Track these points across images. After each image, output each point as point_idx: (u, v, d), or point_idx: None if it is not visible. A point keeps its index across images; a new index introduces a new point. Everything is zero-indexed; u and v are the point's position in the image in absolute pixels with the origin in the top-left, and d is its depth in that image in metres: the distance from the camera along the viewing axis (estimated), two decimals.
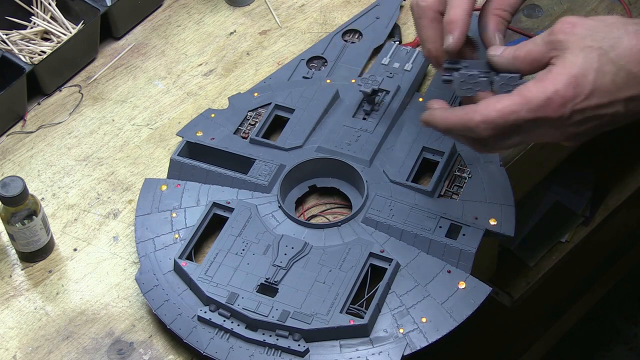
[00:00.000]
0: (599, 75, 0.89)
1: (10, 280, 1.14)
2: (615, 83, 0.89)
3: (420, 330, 1.02)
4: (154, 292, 1.07)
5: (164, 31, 1.36)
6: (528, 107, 0.90)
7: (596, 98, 0.89)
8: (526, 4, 1.33)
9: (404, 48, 1.26)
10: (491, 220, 1.09)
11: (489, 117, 0.92)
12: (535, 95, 0.90)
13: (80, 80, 1.32)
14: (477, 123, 0.92)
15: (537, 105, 0.90)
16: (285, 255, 1.07)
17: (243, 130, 1.21)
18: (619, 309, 1.97)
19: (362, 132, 1.17)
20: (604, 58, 0.89)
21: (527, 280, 1.66)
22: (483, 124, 0.92)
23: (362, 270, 1.06)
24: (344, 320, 1.02)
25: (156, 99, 1.29)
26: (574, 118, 0.90)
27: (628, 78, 0.89)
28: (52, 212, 1.19)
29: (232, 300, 1.04)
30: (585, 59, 0.90)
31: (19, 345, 1.08)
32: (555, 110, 0.90)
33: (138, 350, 1.07)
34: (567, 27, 0.92)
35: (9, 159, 1.24)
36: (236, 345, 1.03)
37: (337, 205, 1.17)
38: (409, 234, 1.08)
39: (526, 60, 0.94)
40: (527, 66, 0.94)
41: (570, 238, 1.70)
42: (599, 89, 0.89)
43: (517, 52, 0.95)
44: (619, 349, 1.94)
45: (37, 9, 1.33)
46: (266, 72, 1.29)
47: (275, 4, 1.38)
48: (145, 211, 1.13)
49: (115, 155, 1.24)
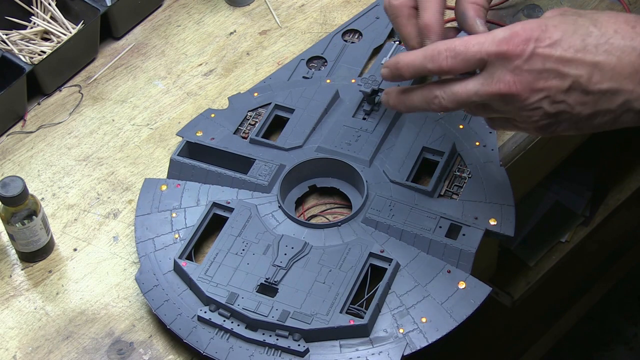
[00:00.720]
0: (570, 29, 0.88)
1: (10, 280, 1.14)
2: (585, 43, 0.88)
3: (420, 330, 1.02)
4: (154, 292, 1.07)
5: (164, 31, 1.36)
6: (492, 39, 0.89)
7: (561, 49, 0.88)
8: (526, 4, 1.33)
9: (404, 48, 1.26)
10: (491, 220, 1.09)
11: (453, 44, 0.91)
12: (502, 30, 0.89)
13: (80, 80, 1.32)
14: (440, 50, 0.91)
15: (501, 38, 0.89)
16: (285, 255, 1.07)
17: (243, 130, 1.21)
18: (619, 309, 1.97)
19: (362, 132, 1.17)
20: (579, 22, 0.89)
21: (527, 280, 1.67)
22: (446, 51, 0.91)
23: (362, 270, 1.06)
24: (344, 320, 1.02)
25: (156, 99, 1.29)
26: (534, 63, 0.88)
27: (598, 42, 0.88)
28: (52, 212, 1.19)
29: (232, 300, 1.04)
30: (562, 18, 0.89)
31: (19, 345, 1.08)
32: (517, 45, 0.88)
33: (138, 350, 1.07)
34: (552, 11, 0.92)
35: (9, 159, 1.24)
36: (236, 345, 1.03)
37: (337, 205, 1.17)
38: (409, 234, 1.08)
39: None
40: None
41: (570, 238, 1.70)
42: (566, 40, 0.88)
43: None
44: (619, 349, 1.94)
45: (37, 9, 1.33)
46: (266, 72, 1.29)
47: (275, 4, 1.38)
48: (145, 211, 1.14)
49: (115, 155, 1.24)
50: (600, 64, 0.88)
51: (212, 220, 1.12)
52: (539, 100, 0.90)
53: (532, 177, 1.35)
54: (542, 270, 1.67)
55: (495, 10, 1.33)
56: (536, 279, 1.66)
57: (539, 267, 1.67)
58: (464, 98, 0.93)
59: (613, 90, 0.88)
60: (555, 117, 0.91)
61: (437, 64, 0.92)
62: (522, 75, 0.89)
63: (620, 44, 0.88)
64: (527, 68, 0.89)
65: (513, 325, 1.74)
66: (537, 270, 1.67)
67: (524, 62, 0.89)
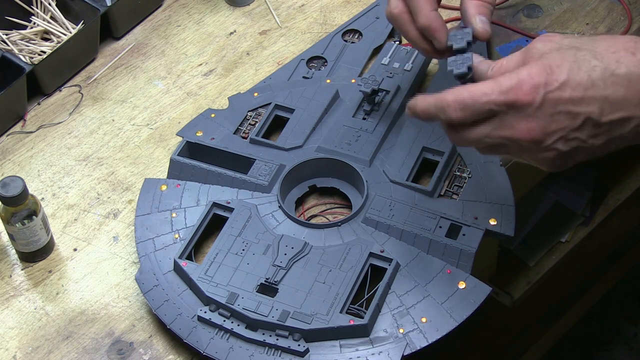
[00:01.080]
0: (574, 67, 0.87)
1: (10, 280, 1.14)
2: (591, 79, 0.87)
3: (420, 330, 1.02)
4: (154, 292, 1.07)
5: (164, 31, 1.36)
6: (499, 89, 0.88)
7: (570, 90, 0.87)
8: (526, 4, 1.33)
9: (404, 48, 1.26)
10: (491, 220, 1.09)
11: (460, 96, 0.90)
12: (507, 79, 0.89)
13: (80, 80, 1.32)
14: (448, 102, 0.91)
15: (509, 87, 0.88)
16: (285, 255, 1.07)
17: (243, 130, 1.21)
18: (619, 309, 1.97)
19: (362, 132, 1.17)
20: (580, 56, 0.88)
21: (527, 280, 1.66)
22: (454, 103, 0.91)
23: (362, 270, 1.06)
24: (344, 320, 1.02)
25: (156, 99, 1.29)
26: (546, 109, 0.88)
27: (604, 75, 0.87)
28: (52, 212, 1.19)
29: (232, 300, 1.04)
30: (561, 54, 0.88)
31: (19, 345, 1.08)
32: (526, 94, 0.88)
33: (138, 350, 1.07)
34: (544, 40, 0.91)
35: (9, 159, 1.24)
36: (236, 345, 1.03)
37: (337, 205, 1.17)
38: (409, 234, 1.08)
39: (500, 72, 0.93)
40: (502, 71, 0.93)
41: (570, 238, 1.70)
42: (573, 80, 0.87)
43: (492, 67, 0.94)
44: (619, 349, 1.94)
45: (37, 9, 1.33)
46: (266, 72, 1.29)
47: (275, 4, 1.38)
48: (145, 211, 1.14)
49: (115, 155, 1.24)
50: (609, 97, 0.88)
51: (212, 220, 1.12)
52: (554, 142, 0.90)
53: (532, 177, 1.35)
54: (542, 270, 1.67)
55: (495, 10, 1.33)
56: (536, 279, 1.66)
57: (539, 267, 1.67)
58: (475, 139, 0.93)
59: (624, 118, 0.88)
60: (570, 153, 0.91)
61: (447, 116, 0.92)
62: (534, 121, 0.89)
63: (625, 73, 0.87)
64: (540, 114, 0.88)
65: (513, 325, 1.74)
66: (537, 270, 1.67)
67: (535, 109, 0.88)
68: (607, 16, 1.32)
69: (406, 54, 1.25)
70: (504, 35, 1.31)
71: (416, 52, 1.25)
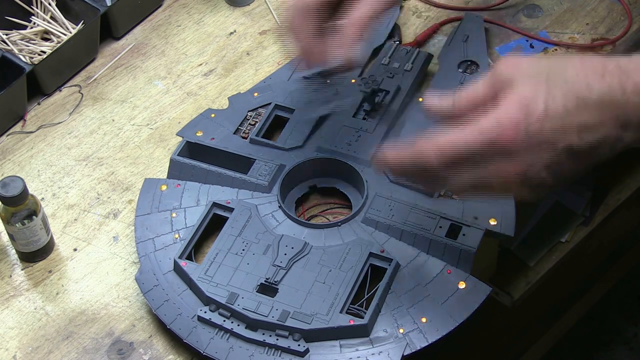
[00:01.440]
0: (549, 99, 0.87)
1: (10, 280, 1.14)
2: (566, 108, 0.87)
3: (420, 330, 1.02)
4: (154, 292, 1.07)
5: (164, 31, 1.36)
6: (479, 131, 0.87)
7: (549, 122, 0.87)
8: (526, 4, 1.33)
9: (404, 48, 1.26)
10: (491, 220, 1.09)
11: (440, 142, 0.89)
12: (486, 121, 0.88)
13: (80, 80, 1.32)
14: (428, 150, 0.90)
15: (489, 129, 0.87)
16: (285, 255, 1.07)
17: (243, 130, 1.21)
18: (619, 309, 1.97)
19: (362, 132, 1.17)
20: (552, 84, 0.87)
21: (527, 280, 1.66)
22: (434, 151, 0.90)
23: (362, 270, 1.06)
24: (344, 320, 1.02)
25: (156, 99, 1.29)
26: (528, 143, 0.87)
27: (577, 103, 0.87)
28: (52, 212, 1.19)
29: (232, 300, 1.04)
30: (533, 86, 0.87)
31: (19, 345, 1.08)
32: (508, 133, 0.87)
33: (138, 350, 1.07)
34: (510, 64, 0.90)
35: (9, 159, 1.24)
36: (236, 345, 1.03)
37: (337, 205, 1.17)
38: (409, 234, 1.08)
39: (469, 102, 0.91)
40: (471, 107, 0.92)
41: (570, 238, 1.70)
42: (550, 112, 0.87)
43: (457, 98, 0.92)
44: (619, 349, 1.94)
45: (37, 9, 1.33)
46: (266, 72, 1.29)
47: (275, 4, 1.38)
48: (145, 211, 1.13)
49: (115, 155, 1.24)
50: (585, 123, 0.87)
51: (212, 220, 1.12)
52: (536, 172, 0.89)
53: None
54: (542, 270, 1.67)
55: (495, 10, 1.33)
56: (536, 279, 1.66)
57: (539, 267, 1.67)
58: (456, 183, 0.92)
59: (601, 140, 0.88)
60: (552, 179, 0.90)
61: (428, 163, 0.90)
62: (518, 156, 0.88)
63: (597, 98, 0.87)
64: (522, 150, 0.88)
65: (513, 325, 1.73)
66: (537, 270, 1.67)
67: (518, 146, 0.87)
68: (607, 16, 1.32)
69: (406, 54, 1.25)
70: (504, 35, 1.31)
71: (416, 52, 1.25)
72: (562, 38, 1.30)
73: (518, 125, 0.87)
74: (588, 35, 1.30)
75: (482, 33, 1.28)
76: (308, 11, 1.04)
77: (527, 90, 0.87)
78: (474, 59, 1.24)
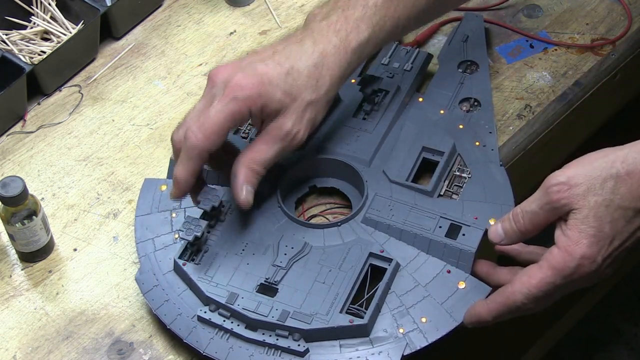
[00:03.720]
0: (613, 223, 0.94)
1: (10, 280, 1.14)
2: (628, 221, 0.95)
3: (420, 330, 1.02)
4: (153, 292, 1.07)
5: (164, 31, 1.36)
6: (562, 275, 0.96)
7: (617, 240, 0.95)
8: (526, 4, 1.33)
9: (404, 48, 1.26)
10: (491, 220, 1.09)
11: (530, 294, 0.97)
12: (566, 265, 0.95)
13: (80, 80, 1.32)
14: (521, 302, 0.98)
15: (570, 272, 0.96)
16: (285, 255, 1.07)
17: (243, 130, 1.21)
18: (619, 309, 1.97)
19: (362, 132, 1.17)
20: (611, 208, 0.94)
21: None
22: (526, 301, 0.98)
23: (362, 270, 1.06)
24: (343, 320, 1.02)
25: (156, 99, 1.29)
26: (605, 264, 0.96)
27: (636, 213, 0.95)
28: (52, 212, 1.19)
29: (232, 300, 1.04)
30: (596, 216, 0.94)
31: (19, 345, 1.08)
32: (588, 268, 0.96)
33: (138, 350, 1.07)
34: (562, 189, 0.96)
35: (9, 159, 1.24)
36: (236, 345, 1.03)
37: (337, 205, 1.17)
38: (408, 234, 1.08)
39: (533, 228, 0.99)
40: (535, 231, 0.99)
41: None
42: (616, 233, 0.95)
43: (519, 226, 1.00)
44: (619, 350, 1.94)
45: (37, 9, 1.33)
46: None
47: (275, 4, 1.38)
48: (145, 211, 1.13)
49: (115, 155, 1.24)
50: None
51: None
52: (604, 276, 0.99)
53: (532, 177, 1.35)
54: None
55: (495, 10, 1.33)
56: None
57: None
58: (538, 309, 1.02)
59: None
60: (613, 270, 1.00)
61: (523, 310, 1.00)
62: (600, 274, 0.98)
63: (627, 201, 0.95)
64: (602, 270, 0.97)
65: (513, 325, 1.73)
66: None
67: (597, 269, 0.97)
68: (607, 16, 1.32)
69: (406, 54, 1.25)
70: (504, 35, 1.31)
71: (416, 52, 1.25)
72: (562, 38, 1.30)
73: (594, 259, 0.96)
74: (588, 35, 1.30)
75: (482, 33, 1.28)
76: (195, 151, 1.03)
77: (591, 223, 0.95)
78: (473, 59, 1.24)
